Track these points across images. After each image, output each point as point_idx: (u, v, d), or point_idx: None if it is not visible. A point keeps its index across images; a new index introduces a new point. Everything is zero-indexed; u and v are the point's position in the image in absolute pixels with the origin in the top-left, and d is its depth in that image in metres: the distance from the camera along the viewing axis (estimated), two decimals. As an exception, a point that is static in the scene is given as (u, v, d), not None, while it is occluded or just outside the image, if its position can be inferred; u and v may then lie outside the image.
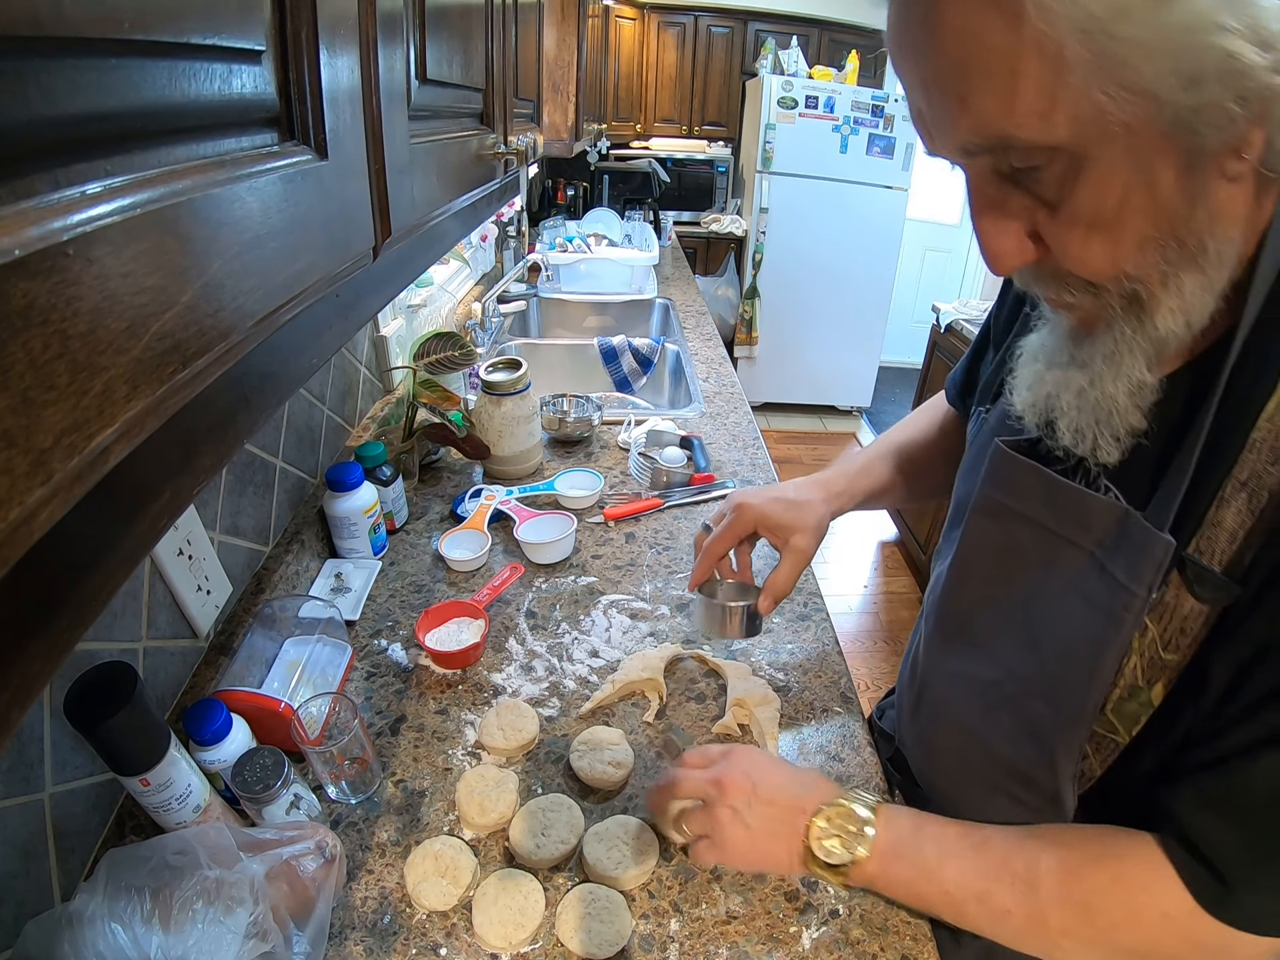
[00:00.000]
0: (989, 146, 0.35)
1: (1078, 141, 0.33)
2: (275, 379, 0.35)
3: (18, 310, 0.15)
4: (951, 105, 0.34)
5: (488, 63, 0.72)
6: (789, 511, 0.73)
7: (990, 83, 0.32)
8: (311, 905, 0.53)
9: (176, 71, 0.22)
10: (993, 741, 0.57)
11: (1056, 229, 0.37)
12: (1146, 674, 0.44)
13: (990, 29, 0.31)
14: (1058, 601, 0.50)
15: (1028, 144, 0.33)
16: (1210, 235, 0.36)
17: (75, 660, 0.56)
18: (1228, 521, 0.39)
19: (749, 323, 3.72)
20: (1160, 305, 0.38)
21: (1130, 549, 0.43)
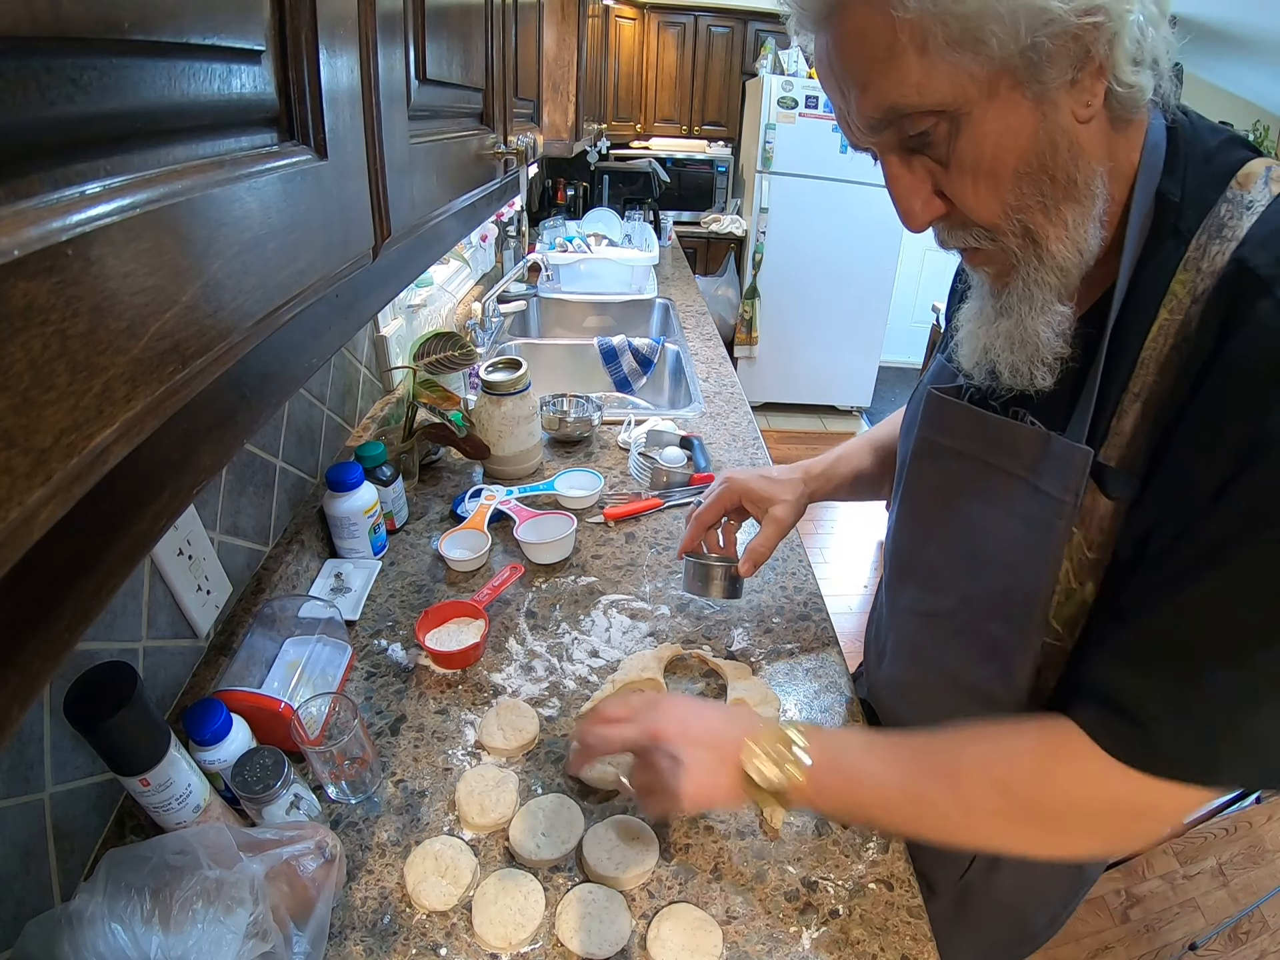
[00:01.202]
0: (887, 118, 0.43)
1: (951, 101, 0.41)
2: (275, 379, 0.35)
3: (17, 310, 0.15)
4: (858, 94, 0.44)
5: (488, 62, 0.72)
6: (771, 486, 0.82)
7: (881, 67, 0.41)
8: (311, 905, 0.53)
9: (176, 71, 0.22)
10: (955, 668, 0.62)
11: (951, 182, 0.45)
12: (1078, 575, 0.50)
13: (873, 28, 0.40)
14: (998, 525, 0.55)
15: (914, 108, 0.42)
16: (1076, 169, 0.44)
17: (75, 660, 0.56)
18: (1126, 428, 0.47)
19: (749, 323, 3.72)
20: (1049, 235, 0.46)
21: (1055, 465, 0.50)
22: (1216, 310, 0.42)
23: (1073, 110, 0.42)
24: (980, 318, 0.54)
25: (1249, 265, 0.41)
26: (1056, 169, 0.43)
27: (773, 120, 3.29)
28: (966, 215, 0.46)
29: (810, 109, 3.29)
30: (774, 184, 3.43)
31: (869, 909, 0.61)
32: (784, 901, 0.62)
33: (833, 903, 0.62)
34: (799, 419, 3.97)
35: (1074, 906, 0.76)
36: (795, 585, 1.00)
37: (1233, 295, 0.41)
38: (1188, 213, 0.45)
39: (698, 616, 0.94)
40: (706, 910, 0.60)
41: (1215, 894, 1.68)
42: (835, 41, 0.43)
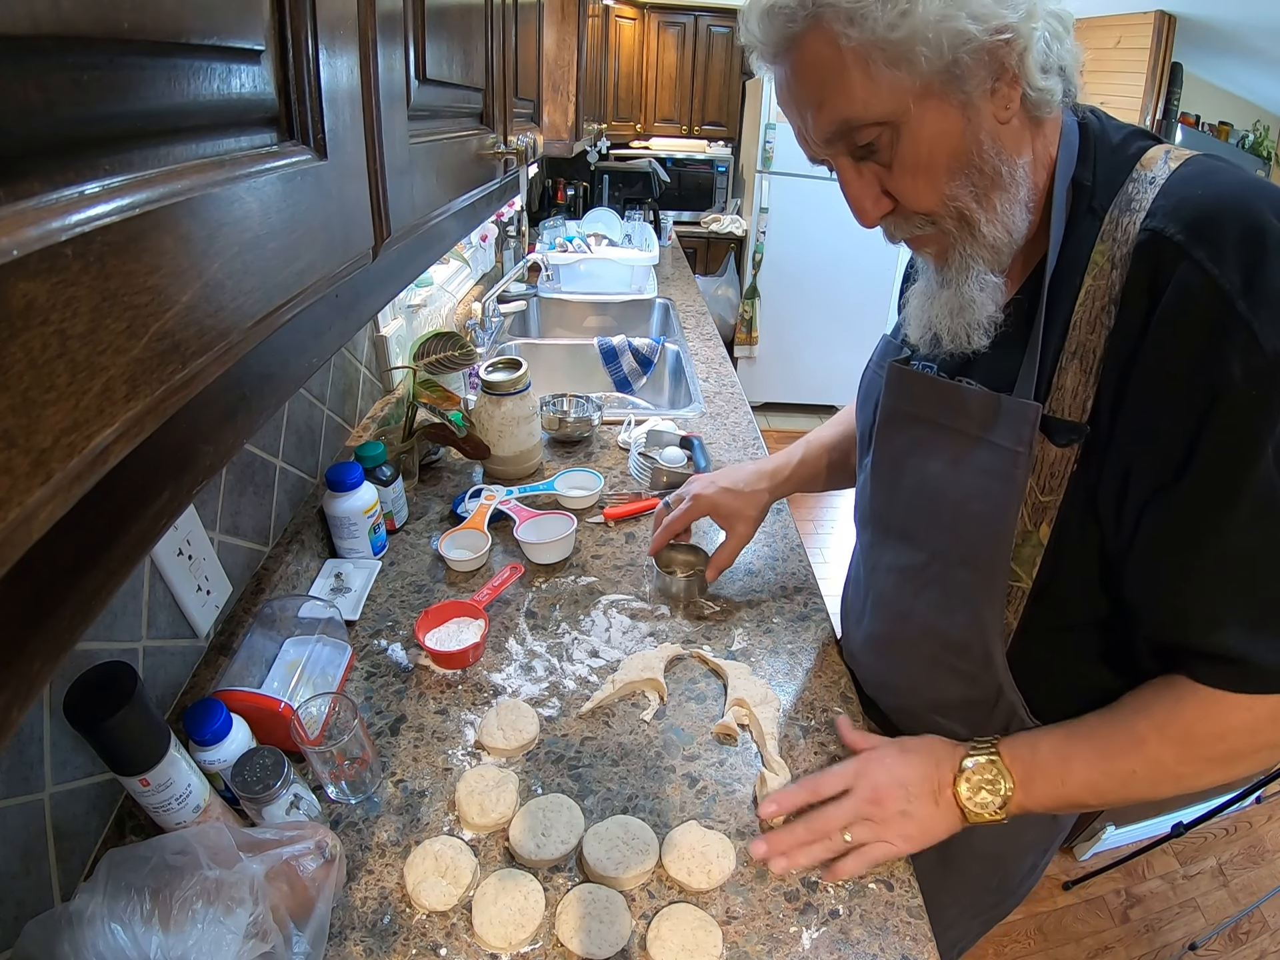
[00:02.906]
0: (839, 131, 0.51)
1: (892, 113, 0.49)
2: (275, 379, 0.35)
3: (17, 310, 0.15)
4: (814, 112, 0.51)
5: (488, 63, 0.72)
6: (736, 501, 0.92)
7: (832, 88, 0.49)
8: (311, 905, 0.53)
9: (176, 71, 0.22)
10: (928, 618, 0.67)
11: (895, 181, 0.53)
12: (1033, 518, 0.56)
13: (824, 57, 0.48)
14: (959, 481, 0.61)
15: (861, 121, 0.50)
16: (1000, 162, 0.51)
17: (75, 660, 0.56)
18: (1068, 383, 0.53)
19: (749, 323, 3.72)
20: (980, 218, 0.53)
21: (1007, 421, 0.56)
22: (1140, 274, 0.49)
23: (994, 113, 0.50)
24: (925, 294, 0.61)
25: (1163, 234, 0.47)
26: (983, 162, 0.51)
27: (773, 120, 3.29)
28: (910, 208, 0.54)
29: (810, 109, 3.29)
30: (774, 184, 3.43)
31: (869, 909, 0.61)
32: (784, 901, 0.62)
33: (833, 903, 0.62)
34: (799, 419, 3.97)
35: (1051, 854, 0.83)
36: (795, 585, 1.00)
37: (1153, 261, 0.48)
38: (1100, 193, 0.53)
39: (698, 616, 0.94)
40: (706, 910, 0.60)
41: (1215, 894, 1.68)
42: (793, 70, 0.51)
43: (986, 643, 0.62)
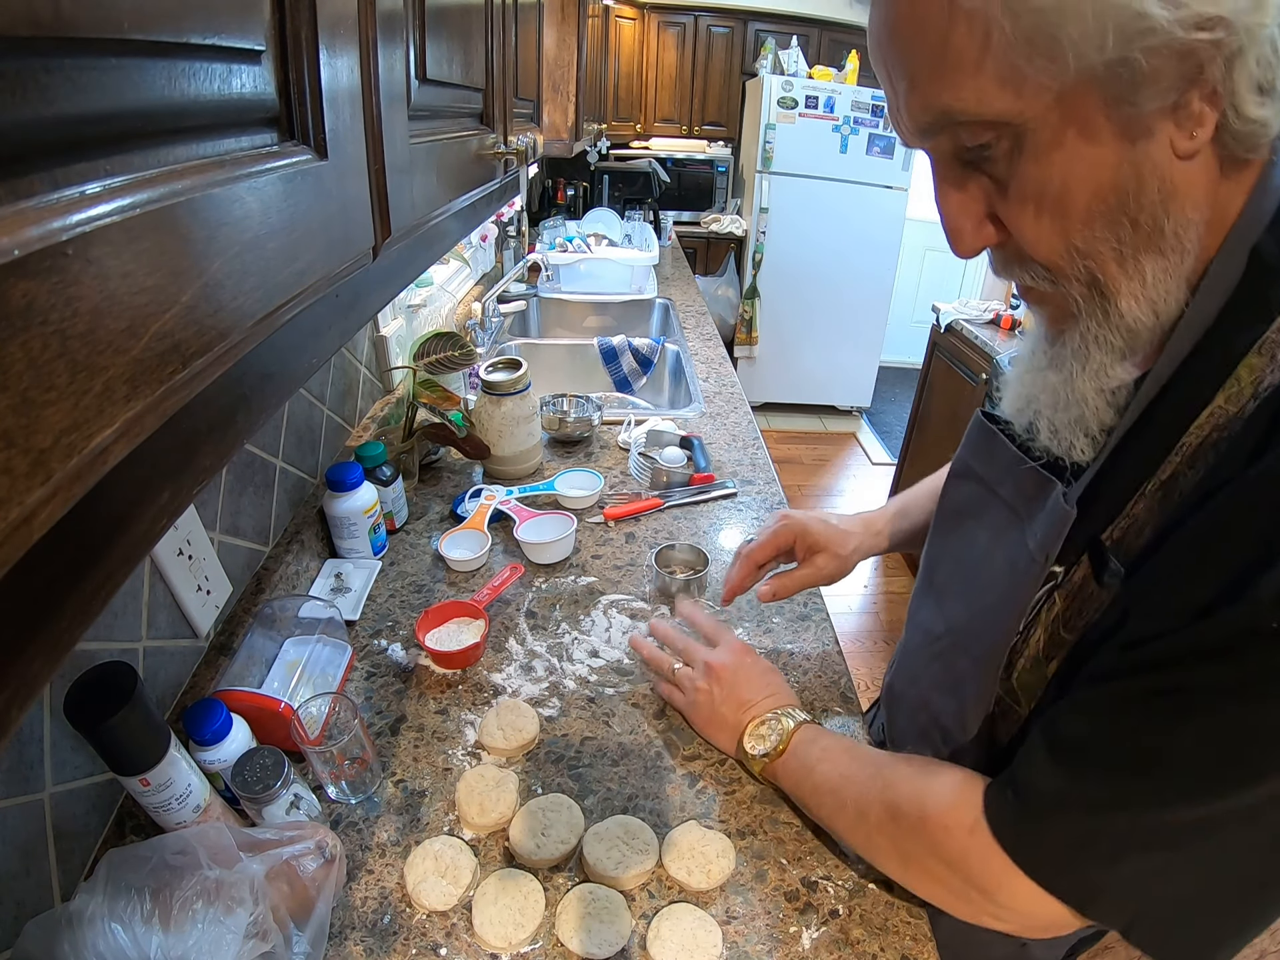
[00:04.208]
0: (938, 123, 0.37)
1: (1015, 114, 0.34)
2: (275, 379, 0.35)
3: (17, 310, 0.15)
4: (905, 89, 0.37)
5: (488, 63, 0.72)
6: (829, 533, 0.81)
7: (930, 60, 0.35)
8: (311, 905, 0.53)
9: (176, 71, 0.22)
10: (927, 691, 0.64)
11: (1009, 208, 0.39)
12: (1046, 649, 0.47)
13: (929, 14, 0.34)
14: (990, 557, 0.55)
15: (967, 117, 0.35)
16: (1165, 216, 0.36)
17: (75, 660, 0.56)
18: (1140, 514, 0.41)
19: (749, 323, 3.72)
20: (1120, 290, 0.38)
21: (1045, 517, 0.47)
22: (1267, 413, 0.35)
23: (1171, 141, 0.34)
24: (1029, 362, 0.48)
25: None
26: (1140, 211, 0.36)
27: (773, 120, 3.29)
28: (1023, 250, 0.40)
29: (810, 109, 3.29)
30: (774, 184, 3.43)
31: (869, 909, 0.61)
32: (784, 901, 0.62)
33: (833, 903, 0.62)
34: (799, 419, 3.97)
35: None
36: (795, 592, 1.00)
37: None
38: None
39: (698, 616, 0.94)
40: (706, 910, 0.60)
41: (1215, 894, 1.67)
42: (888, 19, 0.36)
43: (964, 738, 0.56)
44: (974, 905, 0.48)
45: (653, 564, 0.98)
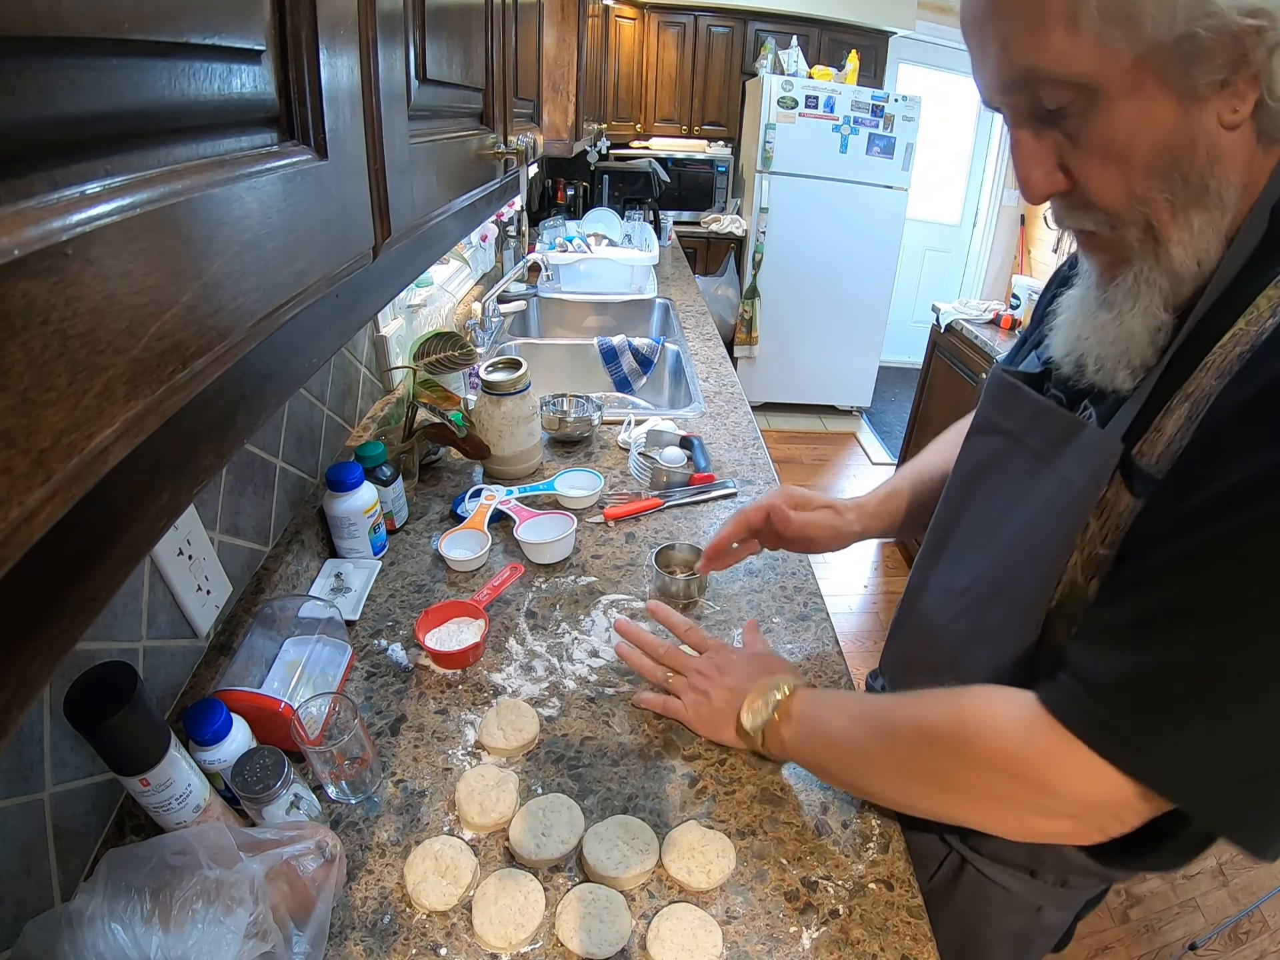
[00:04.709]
0: (1022, 80, 0.43)
1: (1093, 76, 0.40)
2: (275, 379, 0.35)
3: (17, 310, 0.15)
4: (996, 48, 0.43)
5: (488, 63, 0.72)
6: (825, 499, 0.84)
7: (1027, 26, 0.41)
8: (311, 905, 0.53)
9: (176, 71, 0.22)
10: (954, 648, 0.63)
11: (1078, 159, 0.44)
12: (1085, 570, 0.49)
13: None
14: (1018, 508, 0.56)
15: (1052, 76, 0.41)
16: (1211, 175, 0.42)
17: (75, 660, 0.56)
18: (1169, 428, 0.45)
19: (749, 323, 3.72)
20: (1171, 236, 0.44)
21: (1081, 452, 0.50)
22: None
23: (1219, 113, 0.40)
24: (1081, 306, 0.53)
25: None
26: (1190, 170, 0.42)
27: (773, 120, 3.29)
28: (1089, 196, 0.45)
29: (810, 109, 3.29)
30: (774, 184, 3.43)
31: (869, 909, 0.61)
32: (784, 901, 0.62)
33: (833, 903, 0.62)
34: (799, 419, 3.97)
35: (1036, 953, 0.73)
36: (795, 585, 1.00)
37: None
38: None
39: (698, 616, 0.94)
40: (706, 910, 0.60)
41: (1215, 894, 1.68)
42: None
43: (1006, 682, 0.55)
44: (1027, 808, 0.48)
45: (653, 564, 0.98)
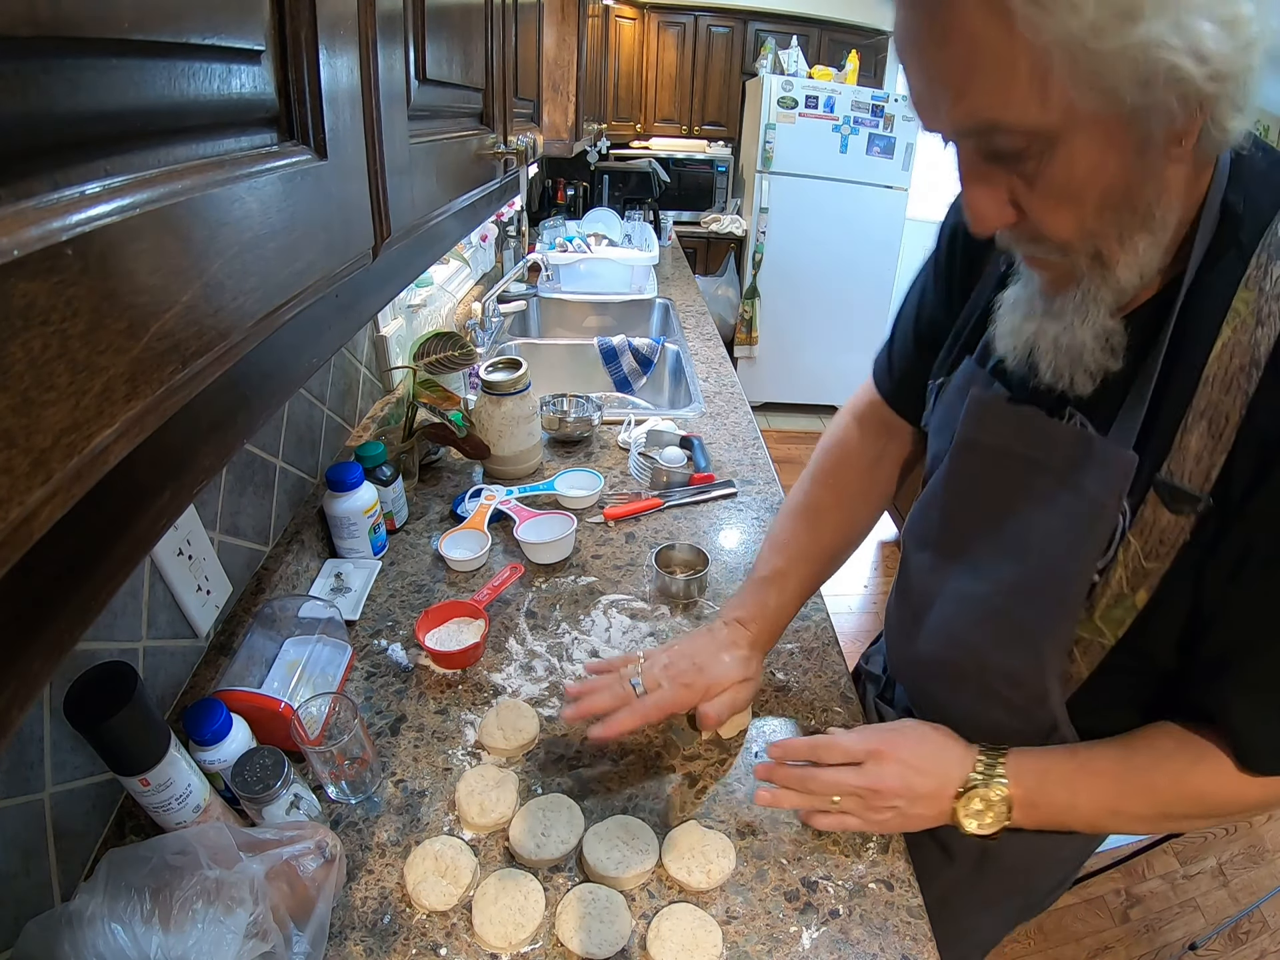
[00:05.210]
0: (979, 129, 0.42)
1: (1055, 129, 0.39)
2: (275, 379, 0.35)
3: (17, 310, 0.15)
4: (951, 94, 0.41)
5: (487, 63, 0.72)
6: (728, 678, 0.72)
7: (986, 79, 0.39)
8: (311, 905, 0.53)
9: (175, 71, 0.22)
10: (985, 650, 0.63)
11: (1032, 199, 0.44)
12: (1131, 582, 0.51)
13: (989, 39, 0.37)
14: (1036, 517, 0.57)
15: (1012, 128, 0.40)
16: (1157, 204, 0.44)
17: (75, 660, 0.56)
18: (1193, 445, 0.47)
19: (749, 323, 3.72)
20: (1119, 260, 0.46)
21: (1096, 466, 0.51)
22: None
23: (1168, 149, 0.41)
24: (1026, 310, 0.54)
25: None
26: (1139, 202, 0.44)
27: (773, 120, 3.29)
28: (1040, 231, 0.46)
29: (810, 109, 3.29)
30: (774, 184, 3.43)
31: (869, 909, 0.61)
32: (784, 901, 0.62)
33: (833, 903, 0.62)
34: (799, 419, 3.97)
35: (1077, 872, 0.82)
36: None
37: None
38: (1248, 226, 0.46)
39: (698, 616, 0.94)
40: (706, 910, 0.60)
41: (1215, 894, 1.68)
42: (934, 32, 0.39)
43: (1044, 682, 0.59)
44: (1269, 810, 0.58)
45: (653, 564, 0.98)
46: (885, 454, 0.83)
